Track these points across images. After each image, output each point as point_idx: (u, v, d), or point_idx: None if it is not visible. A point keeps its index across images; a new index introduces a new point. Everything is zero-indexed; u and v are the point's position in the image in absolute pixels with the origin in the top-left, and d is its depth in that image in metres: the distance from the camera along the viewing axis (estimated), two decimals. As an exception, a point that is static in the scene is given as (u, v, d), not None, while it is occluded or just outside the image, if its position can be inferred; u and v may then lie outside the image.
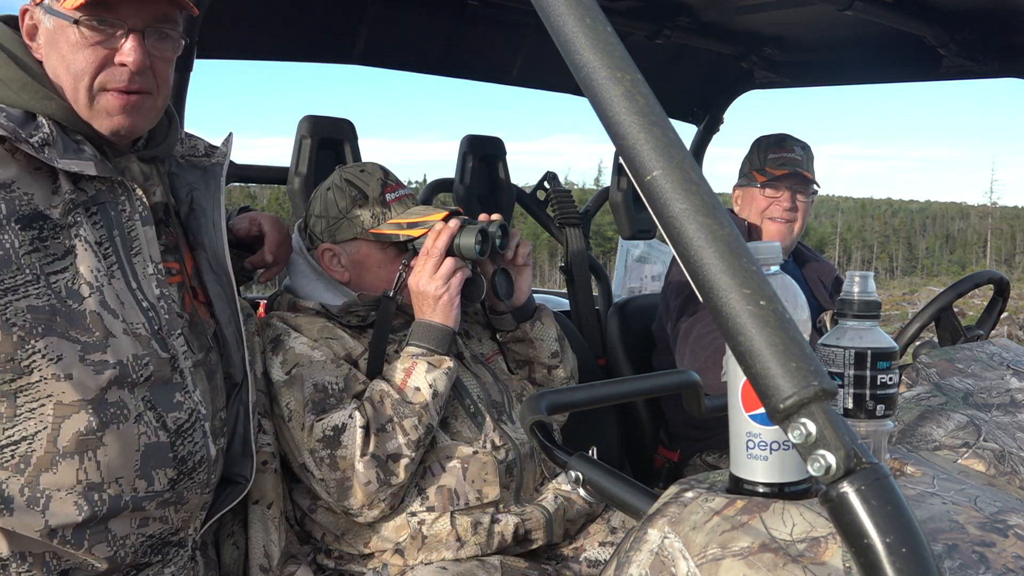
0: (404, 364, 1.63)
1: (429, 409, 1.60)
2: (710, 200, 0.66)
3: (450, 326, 1.66)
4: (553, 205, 2.91)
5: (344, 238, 1.77)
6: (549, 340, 1.92)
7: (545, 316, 1.93)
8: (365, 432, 1.55)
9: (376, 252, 1.77)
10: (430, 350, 1.65)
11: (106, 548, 1.30)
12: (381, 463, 1.55)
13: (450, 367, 1.65)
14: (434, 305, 1.66)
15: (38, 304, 1.23)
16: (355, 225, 1.75)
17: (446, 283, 1.65)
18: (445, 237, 1.69)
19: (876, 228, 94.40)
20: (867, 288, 1.04)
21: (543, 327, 1.91)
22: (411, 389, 1.60)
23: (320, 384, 1.59)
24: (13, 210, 1.23)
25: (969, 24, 2.25)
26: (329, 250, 1.78)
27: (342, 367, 1.63)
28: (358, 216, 1.75)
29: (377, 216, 1.75)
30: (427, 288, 1.66)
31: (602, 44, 0.71)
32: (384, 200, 1.76)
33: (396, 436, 1.57)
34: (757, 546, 0.82)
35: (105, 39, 1.30)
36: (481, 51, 2.67)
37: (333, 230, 1.77)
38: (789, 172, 2.47)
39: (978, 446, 1.24)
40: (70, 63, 1.30)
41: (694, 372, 1.30)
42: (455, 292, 1.67)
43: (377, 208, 1.76)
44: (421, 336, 1.66)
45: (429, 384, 1.61)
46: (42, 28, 1.33)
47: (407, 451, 1.57)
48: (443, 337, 1.66)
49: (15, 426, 1.24)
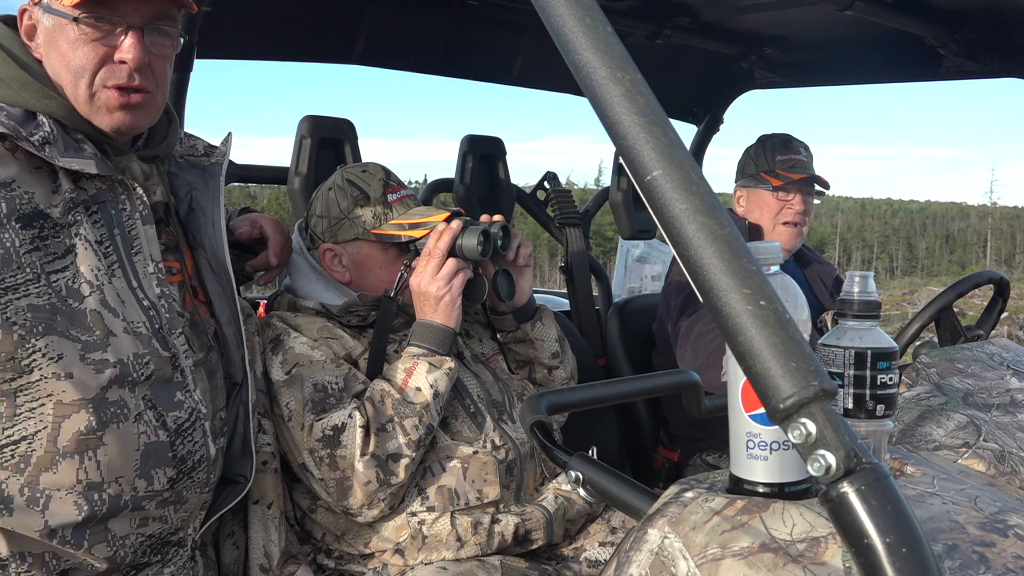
0: (405, 364, 1.63)
1: (430, 409, 1.60)
2: (710, 200, 0.66)
3: (451, 327, 1.66)
4: (553, 205, 2.91)
5: (345, 238, 1.77)
6: (550, 340, 1.92)
7: (546, 317, 1.94)
8: (365, 432, 1.55)
9: (377, 253, 1.77)
10: (431, 350, 1.64)
11: (106, 548, 1.30)
12: (381, 463, 1.55)
13: (451, 367, 1.65)
14: (435, 306, 1.66)
15: (38, 303, 1.23)
16: (357, 225, 1.75)
17: (448, 284, 1.65)
18: (447, 238, 1.68)
19: (876, 228, 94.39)
20: (867, 288, 1.04)
21: (544, 327, 1.92)
22: (412, 389, 1.60)
23: (320, 384, 1.59)
24: (14, 209, 1.23)
25: (969, 24, 2.25)
26: (330, 250, 1.78)
27: (342, 367, 1.63)
28: (360, 216, 1.75)
29: (379, 216, 1.75)
30: (429, 288, 1.66)
31: (602, 44, 0.71)
32: (386, 200, 1.76)
33: (397, 436, 1.57)
34: (757, 546, 0.82)
35: (104, 36, 1.30)
36: (481, 51, 2.67)
37: (335, 230, 1.77)
38: (806, 176, 2.48)
39: (978, 446, 1.24)
40: (70, 60, 1.30)
41: (694, 371, 1.30)
42: (457, 293, 1.67)
43: (379, 208, 1.75)
44: (422, 336, 1.66)
45: (430, 384, 1.61)
46: (41, 27, 1.33)
47: (407, 451, 1.57)
48: (444, 338, 1.66)
49: (15, 425, 1.24)
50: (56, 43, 1.31)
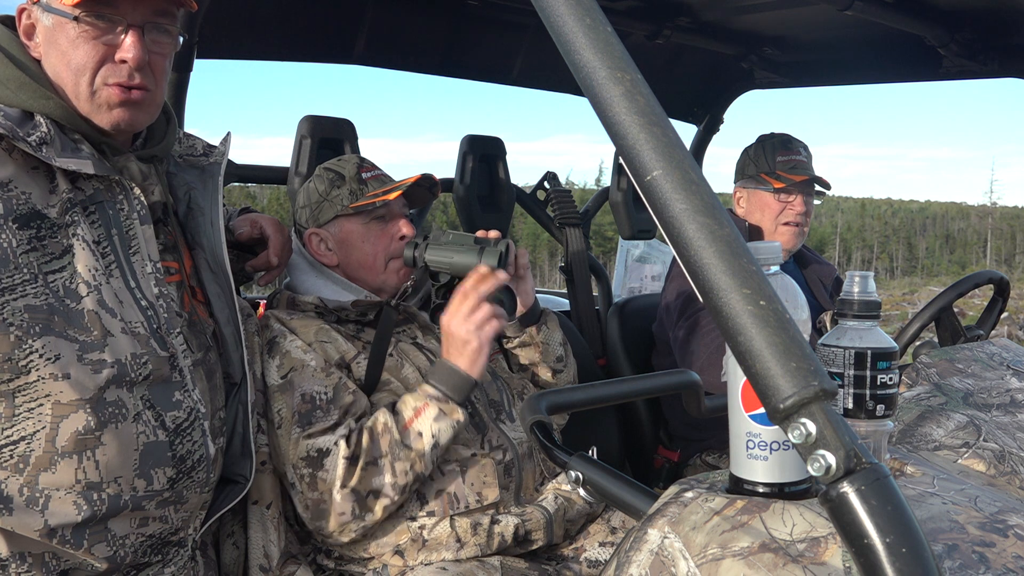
0: (416, 402, 1.59)
1: (424, 458, 1.57)
2: (710, 200, 0.66)
3: (473, 377, 1.60)
4: (553, 205, 2.91)
5: (326, 219, 1.80)
6: (554, 344, 1.91)
7: (550, 321, 1.93)
8: (349, 463, 1.53)
9: (359, 227, 1.79)
10: (446, 396, 1.59)
11: (106, 548, 1.30)
12: (360, 498, 1.54)
13: (459, 420, 1.59)
14: (461, 350, 1.60)
15: (36, 303, 1.23)
16: (335, 204, 1.78)
17: (479, 330, 1.60)
18: (488, 285, 1.63)
19: (876, 228, 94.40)
20: (867, 288, 1.04)
21: (548, 331, 1.91)
22: (414, 432, 1.56)
23: (308, 395, 1.58)
24: (11, 209, 1.23)
25: (969, 24, 2.25)
26: (315, 234, 1.81)
27: (332, 376, 1.61)
28: (337, 195, 1.78)
29: (355, 192, 1.78)
30: (458, 331, 1.60)
31: (602, 44, 0.71)
32: (360, 178, 1.79)
33: (384, 474, 1.54)
34: (757, 546, 0.82)
35: (104, 34, 1.30)
36: (481, 51, 2.67)
37: (316, 214, 1.81)
38: (808, 178, 2.48)
39: (978, 446, 1.24)
40: (70, 59, 1.30)
41: (695, 370, 1.30)
42: (485, 342, 1.61)
43: (354, 185, 1.78)
44: (441, 378, 1.61)
45: (432, 433, 1.57)
46: (40, 26, 1.33)
47: (391, 492, 1.55)
48: (462, 386, 1.60)
49: (13, 426, 1.24)
50: (56, 42, 1.31)
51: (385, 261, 1.79)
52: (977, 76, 2.50)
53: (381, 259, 1.79)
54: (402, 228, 1.80)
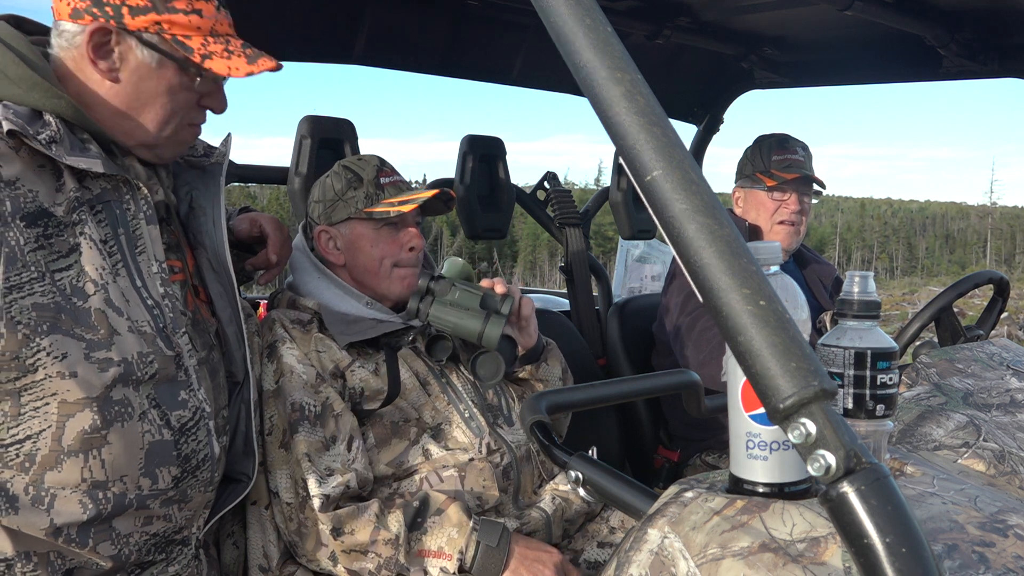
0: (451, 547, 1.53)
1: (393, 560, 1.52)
2: (710, 200, 0.66)
3: None
4: (553, 205, 2.91)
5: (339, 219, 1.79)
6: (553, 379, 1.90)
7: (552, 357, 1.90)
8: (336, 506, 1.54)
9: (370, 232, 1.78)
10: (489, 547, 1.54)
11: (110, 547, 1.31)
12: (339, 524, 1.53)
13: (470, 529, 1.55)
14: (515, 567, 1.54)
15: (43, 302, 1.23)
16: (350, 205, 1.77)
17: None
18: None
19: (876, 228, 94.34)
20: (867, 288, 1.04)
21: (548, 368, 1.89)
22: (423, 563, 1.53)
23: (297, 404, 1.59)
24: (18, 207, 1.23)
25: (969, 24, 2.25)
26: (325, 232, 1.80)
27: (321, 393, 1.61)
28: (352, 197, 1.77)
29: (371, 197, 1.77)
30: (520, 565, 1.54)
31: (602, 44, 0.71)
32: (379, 183, 1.78)
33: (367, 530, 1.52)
34: (757, 546, 0.82)
35: (203, 83, 1.38)
36: (481, 51, 2.67)
37: (329, 212, 1.80)
38: (800, 176, 2.48)
39: (978, 446, 1.24)
40: (168, 101, 1.36)
41: (696, 368, 1.30)
42: None
43: (371, 189, 1.77)
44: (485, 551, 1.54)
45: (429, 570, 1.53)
46: (132, 56, 1.32)
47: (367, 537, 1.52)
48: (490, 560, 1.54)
49: (19, 424, 1.24)
50: (150, 79, 1.34)
51: (391, 268, 1.79)
52: (977, 76, 2.50)
53: (388, 266, 1.78)
54: (413, 238, 1.80)
